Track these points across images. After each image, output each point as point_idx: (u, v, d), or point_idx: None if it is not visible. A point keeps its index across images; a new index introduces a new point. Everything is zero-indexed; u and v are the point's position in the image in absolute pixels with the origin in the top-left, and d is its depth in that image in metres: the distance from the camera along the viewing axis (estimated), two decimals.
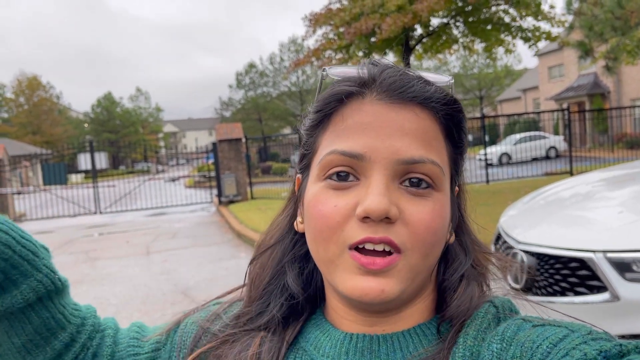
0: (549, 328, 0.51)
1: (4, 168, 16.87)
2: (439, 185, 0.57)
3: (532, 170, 17.46)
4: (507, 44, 12.58)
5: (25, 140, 51.75)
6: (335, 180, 0.57)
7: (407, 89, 0.57)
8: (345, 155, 0.56)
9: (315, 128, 0.61)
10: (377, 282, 0.55)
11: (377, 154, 0.55)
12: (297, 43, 54.26)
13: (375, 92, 0.57)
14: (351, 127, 0.57)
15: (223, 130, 16.34)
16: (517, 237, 2.98)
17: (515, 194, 11.21)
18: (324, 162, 0.58)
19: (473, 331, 0.56)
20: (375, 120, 0.56)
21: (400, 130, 0.56)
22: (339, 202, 0.56)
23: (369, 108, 0.57)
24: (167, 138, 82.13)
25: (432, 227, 0.56)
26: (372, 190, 0.54)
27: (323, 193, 0.57)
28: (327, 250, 0.57)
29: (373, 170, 0.55)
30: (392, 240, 0.54)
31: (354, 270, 0.55)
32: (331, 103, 0.59)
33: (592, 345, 0.46)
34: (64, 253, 10.01)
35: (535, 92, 40.83)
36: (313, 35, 12.51)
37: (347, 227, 0.55)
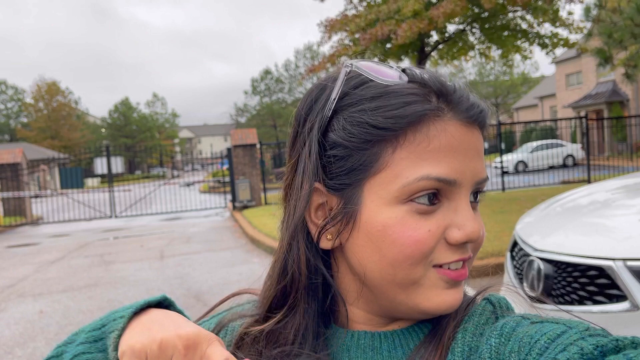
0: (547, 324, 0.52)
1: (22, 172, 17.11)
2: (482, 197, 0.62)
3: (549, 179, 17.27)
4: (524, 51, 12.47)
5: (43, 144, 52.53)
6: (424, 204, 0.55)
7: (478, 111, 0.58)
8: (440, 182, 0.55)
9: (374, 144, 0.56)
10: (459, 292, 0.58)
11: (464, 178, 0.56)
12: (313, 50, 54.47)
13: (453, 111, 0.56)
14: (439, 150, 0.55)
15: (238, 136, 16.41)
16: (533, 244, 2.93)
17: (532, 202, 11.08)
18: (413, 188, 0.54)
19: (471, 327, 0.57)
20: (461, 143, 0.56)
21: (478, 152, 0.58)
22: (431, 226, 0.55)
23: (454, 130, 0.56)
24: (183, 143, 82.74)
25: (484, 236, 0.59)
26: (467, 216, 0.56)
27: (410, 217, 0.55)
28: (411, 273, 0.56)
29: (461, 194, 0.56)
30: (470, 256, 0.58)
31: (440, 285, 0.57)
32: (408, 123, 0.55)
33: (589, 341, 0.47)
34: (79, 256, 10.09)
35: (553, 100, 40.44)
36: (328, 41, 12.54)
37: (435, 251, 0.56)
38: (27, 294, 7.16)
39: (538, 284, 2.79)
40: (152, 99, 71.96)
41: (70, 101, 57.62)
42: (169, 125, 71.91)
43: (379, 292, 0.59)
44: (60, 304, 6.48)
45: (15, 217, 17.03)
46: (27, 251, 11.40)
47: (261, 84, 57.35)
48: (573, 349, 0.46)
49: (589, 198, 3.63)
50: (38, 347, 4.98)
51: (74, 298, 6.74)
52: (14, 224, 16.51)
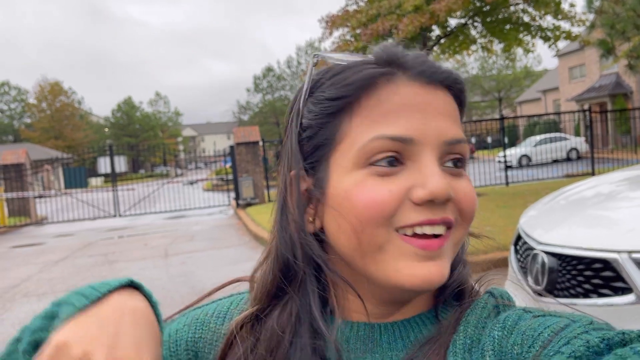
0: (550, 318, 0.51)
1: (26, 172, 17.15)
2: (465, 165, 0.58)
3: (553, 172, 17.21)
4: (526, 44, 12.41)
5: (47, 144, 52.68)
6: (384, 166, 0.54)
7: (438, 72, 0.56)
8: (394, 140, 0.54)
9: (334, 116, 0.57)
10: (436, 265, 0.53)
11: (425, 136, 0.54)
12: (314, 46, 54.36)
13: (406, 73, 0.56)
14: (392, 110, 0.55)
15: (241, 134, 16.41)
16: (537, 237, 2.91)
17: (536, 196, 11.04)
18: (368, 149, 0.54)
19: (474, 319, 0.56)
20: (417, 102, 0.55)
21: (441, 112, 0.56)
22: (392, 187, 0.53)
23: (407, 90, 0.55)
24: (186, 142, 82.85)
25: (475, 201, 0.57)
26: (431, 173, 0.53)
27: (370, 180, 0.54)
28: (373, 237, 0.53)
29: (423, 153, 0.54)
30: (451, 219, 0.54)
31: (410, 257, 0.53)
32: (358, 88, 0.56)
33: (594, 334, 0.46)
34: (83, 256, 10.11)
35: (556, 93, 40.30)
36: (330, 37, 12.50)
37: (399, 212, 0.53)
38: (31, 294, 7.18)
39: (542, 278, 2.77)
40: (154, 97, 72.08)
41: (73, 101, 57.77)
42: (172, 124, 72.02)
43: (355, 268, 0.57)
44: None
45: (20, 218, 17.08)
46: (31, 251, 11.44)
47: (263, 81, 57.36)
48: (578, 342, 0.45)
49: (593, 190, 3.61)
50: None
51: None
52: (19, 224, 16.57)
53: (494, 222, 7.91)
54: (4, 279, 8.45)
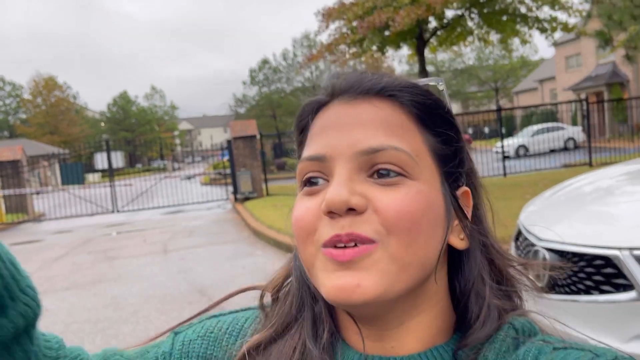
0: (572, 352, 0.49)
1: (22, 168, 17.10)
2: (412, 174, 0.54)
3: (551, 162, 17.23)
4: (523, 35, 12.38)
5: (43, 140, 52.47)
6: (308, 186, 0.57)
7: (361, 84, 0.57)
8: (310, 160, 0.56)
9: (299, 147, 0.62)
10: (352, 275, 0.51)
11: (336, 150, 0.55)
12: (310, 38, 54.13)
13: (337, 97, 0.58)
14: (316, 132, 0.58)
15: (238, 128, 16.37)
16: (538, 234, 2.91)
17: (534, 187, 11.04)
18: (298, 173, 0.58)
19: (492, 355, 0.53)
20: (336, 120, 0.56)
21: (359, 123, 0.55)
22: (309, 204, 0.55)
23: (332, 111, 0.58)
24: (183, 136, 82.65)
25: (406, 212, 0.52)
26: (333, 184, 0.53)
27: (299, 200, 0.57)
28: (305, 252, 0.55)
29: (336, 167, 0.55)
30: (360, 234, 0.51)
31: (328, 268, 0.53)
32: (302, 119, 0.61)
33: None
34: (82, 252, 10.11)
35: (552, 83, 40.28)
36: (326, 30, 12.44)
37: (319, 227, 0.54)
38: None
39: (543, 275, 2.78)
40: (150, 91, 71.77)
41: (68, 96, 57.52)
42: (168, 118, 71.82)
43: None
44: (65, 301, 6.49)
45: (18, 214, 17.05)
46: (30, 248, 11.42)
47: (259, 74, 57.10)
48: None
49: (593, 186, 3.61)
50: None
51: (78, 295, 6.75)
52: (16, 221, 16.53)
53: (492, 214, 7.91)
54: None
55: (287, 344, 0.61)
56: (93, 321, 5.59)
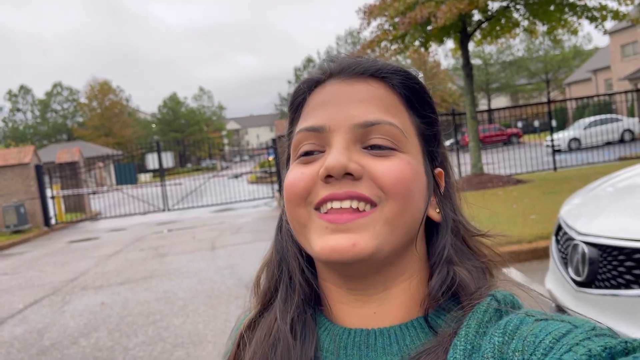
0: (552, 322, 0.51)
1: (80, 170, 17.90)
2: (402, 147, 0.60)
3: (605, 156, 16.58)
4: (572, 25, 11.96)
5: (98, 142, 54.64)
6: (303, 155, 0.61)
7: (357, 66, 0.62)
8: (309, 131, 0.61)
9: (292, 123, 0.66)
10: (346, 237, 0.56)
11: (335, 122, 0.59)
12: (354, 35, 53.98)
13: (333, 76, 0.63)
14: (314, 107, 0.62)
15: (282, 126, 16.57)
16: (578, 228, 2.87)
17: (584, 181, 10.67)
18: (294, 143, 0.63)
19: (475, 324, 0.55)
20: (334, 96, 0.61)
21: (356, 100, 0.60)
22: (305, 170, 0.60)
23: (329, 88, 0.62)
24: (230, 135, 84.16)
25: (401, 177, 0.57)
26: (332, 151, 0.58)
27: (293, 168, 0.62)
28: (298, 215, 0.60)
29: (334, 138, 0.59)
30: (360, 193, 0.56)
31: (322, 231, 0.57)
32: (298, 96, 0.65)
33: (596, 342, 0.45)
34: (135, 249, 10.53)
35: (607, 73, 38.65)
36: (368, 27, 12.42)
37: (313, 191, 0.59)
38: (89, 286, 7.56)
39: (583, 269, 2.75)
40: (198, 92, 73.43)
41: (121, 99, 59.63)
42: (216, 118, 73.29)
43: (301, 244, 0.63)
44: (120, 295, 6.81)
45: (76, 213, 17.88)
46: (87, 245, 11.99)
47: (304, 72, 57.41)
48: (580, 349, 0.45)
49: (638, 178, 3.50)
50: (101, 337, 5.27)
51: (132, 290, 7.06)
52: (75, 220, 17.34)
53: (540, 209, 7.75)
54: (63, 272, 8.92)
55: (269, 318, 0.66)
56: (145, 314, 5.85)
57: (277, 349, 0.62)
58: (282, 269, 0.69)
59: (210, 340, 4.82)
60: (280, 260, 0.70)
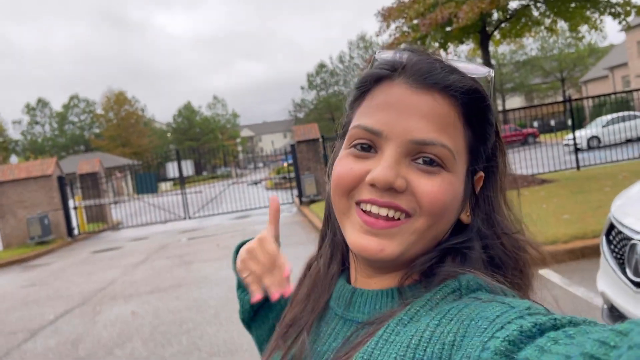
0: (492, 305, 0.53)
1: (101, 180, 18.06)
2: (449, 167, 0.62)
3: (627, 153, 16.30)
4: (594, 22, 11.80)
5: (115, 152, 55.22)
6: (357, 150, 0.64)
7: (430, 76, 0.62)
8: (366, 130, 0.63)
9: (354, 102, 0.68)
10: (377, 242, 0.61)
11: (392, 132, 0.61)
12: (366, 39, 54.00)
13: (403, 76, 0.63)
14: (377, 105, 0.63)
15: (300, 132, 16.58)
16: (636, 227, 2.79)
17: (612, 180, 10.50)
18: (350, 134, 0.65)
19: (422, 300, 0.60)
20: (398, 101, 0.62)
21: (418, 113, 0.61)
22: (355, 166, 0.63)
23: (395, 90, 0.63)
24: (245, 142, 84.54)
25: (439, 199, 0.60)
26: (382, 163, 0.61)
27: (344, 158, 0.65)
28: (340, 203, 0.65)
29: (388, 146, 0.61)
30: (399, 205, 0.61)
31: (357, 227, 0.63)
32: (367, 82, 0.66)
33: (528, 319, 0.47)
34: (160, 258, 10.56)
35: (624, 69, 38.19)
36: (387, 30, 12.37)
37: (358, 188, 0.63)
38: (118, 296, 7.58)
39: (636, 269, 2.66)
40: (212, 101, 73.92)
41: (137, 109, 60.22)
42: (230, 126, 73.69)
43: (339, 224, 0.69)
44: (150, 304, 6.81)
45: (98, 224, 18.03)
46: (112, 255, 12.05)
47: (317, 78, 57.58)
48: (511, 327, 0.47)
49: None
50: (136, 348, 5.25)
51: (161, 299, 7.06)
52: (97, 230, 17.48)
53: (571, 209, 7.61)
54: (91, 282, 8.96)
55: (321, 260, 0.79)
56: (178, 323, 5.84)
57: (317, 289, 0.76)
58: (330, 225, 0.79)
59: (247, 349, 4.77)
60: (328, 216, 0.79)
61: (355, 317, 0.67)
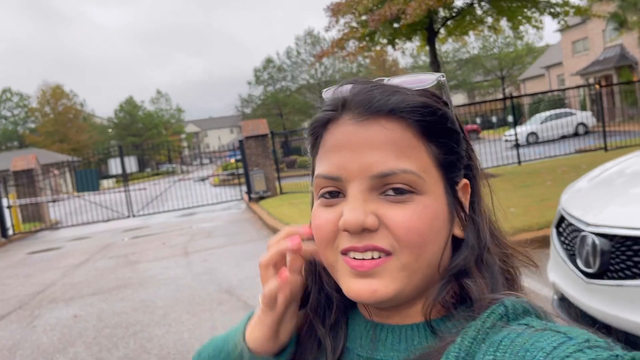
0: (547, 334, 0.50)
1: (37, 177, 17.19)
2: (420, 190, 0.59)
3: (563, 149, 17.09)
4: (534, 21, 12.24)
5: (52, 148, 52.79)
6: (326, 198, 0.62)
7: (371, 104, 0.59)
8: (325, 179, 0.61)
9: (312, 150, 0.66)
10: (367, 283, 0.59)
11: (350, 173, 0.59)
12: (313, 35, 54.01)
13: (346, 112, 0.61)
14: (328, 150, 0.61)
15: (249, 127, 16.37)
16: (585, 219, 2.86)
17: (553, 174, 10.96)
18: (315, 185, 0.63)
19: (473, 331, 0.56)
20: (347, 140, 0.59)
21: (370, 146, 0.58)
22: (328, 216, 0.61)
23: (342, 129, 0.60)
24: (190, 138, 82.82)
25: (415, 228, 0.58)
26: (348, 206, 0.58)
27: (317, 209, 0.63)
28: (326, 257, 0.62)
29: (350, 188, 0.59)
30: (377, 245, 0.58)
31: (347, 274, 0.60)
32: (316, 129, 0.64)
33: (588, 354, 0.45)
34: (103, 258, 10.14)
35: (560, 69, 39.97)
36: (335, 25, 12.36)
37: (338, 236, 0.60)
38: (58, 299, 7.20)
39: (594, 260, 2.73)
40: (156, 95, 71.97)
41: (75, 104, 57.79)
42: (174, 121, 71.98)
43: None
44: (94, 307, 6.51)
45: (34, 223, 17.16)
46: (50, 256, 11.48)
47: (264, 73, 57.10)
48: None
49: (634, 169, 3.53)
50: (78, 352, 5.00)
51: (105, 300, 6.77)
52: (34, 230, 16.64)
53: (517, 202, 7.84)
54: (28, 285, 8.49)
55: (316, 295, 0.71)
56: (124, 325, 5.60)
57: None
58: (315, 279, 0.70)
59: None
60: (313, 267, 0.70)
61: (388, 356, 0.63)
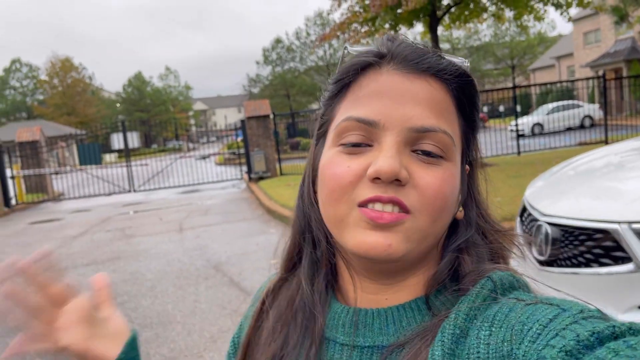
0: (540, 307, 0.50)
1: (41, 149, 17.39)
2: (450, 156, 0.59)
3: (566, 141, 17.07)
4: (538, 11, 12.17)
5: (60, 121, 53.02)
6: (349, 146, 0.59)
7: (421, 60, 0.58)
8: (360, 122, 0.58)
9: (334, 97, 0.63)
10: (384, 236, 0.55)
11: (390, 121, 0.57)
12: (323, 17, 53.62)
13: (391, 63, 0.59)
14: (367, 95, 0.59)
15: (251, 107, 16.43)
16: (541, 209, 2.98)
17: (547, 165, 10.95)
18: (340, 128, 0.59)
19: (465, 307, 0.55)
20: (390, 89, 0.58)
21: (414, 99, 0.57)
22: (352, 163, 0.58)
23: (386, 78, 0.58)
24: (197, 116, 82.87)
25: (442, 192, 0.57)
26: (384, 153, 0.56)
27: (337, 156, 0.59)
28: (337, 209, 0.58)
29: (386, 136, 0.57)
30: (401, 201, 0.55)
31: (362, 225, 0.56)
32: (350, 73, 0.61)
33: (585, 326, 0.45)
34: (101, 230, 10.35)
35: (570, 60, 39.57)
36: (338, 9, 12.36)
37: (357, 187, 0.57)
38: None
39: (546, 248, 2.85)
40: (164, 72, 71.93)
41: (84, 77, 57.84)
42: (182, 98, 71.97)
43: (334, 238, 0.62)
44: (85, 277, 6.69)
45: (37, 194, 17.40)
46: (50, 227, 11.71)
47: (272, 53, 56.84)
48: (568, 334, 0.44)
49: (603, 161, 3.63)
50: None
51: (98, 271, 6.94)
52: (36, 201, 16.89)
53: (505, 192, 7.94)
54: (26, 254, 8.57)
55: (291, 285, 0.70)
56: (113, 295, 5.78)
57: (297, 318, 0.66)
58: (306, 238, 0.69)
59: (180, 321, 4.81)
60: (304, 228, 0.69)
61: (377, 341, 0.60)
